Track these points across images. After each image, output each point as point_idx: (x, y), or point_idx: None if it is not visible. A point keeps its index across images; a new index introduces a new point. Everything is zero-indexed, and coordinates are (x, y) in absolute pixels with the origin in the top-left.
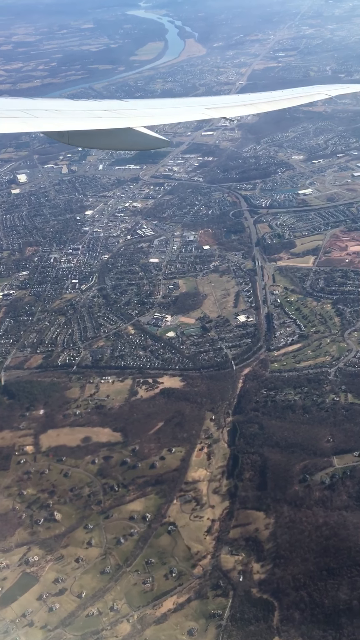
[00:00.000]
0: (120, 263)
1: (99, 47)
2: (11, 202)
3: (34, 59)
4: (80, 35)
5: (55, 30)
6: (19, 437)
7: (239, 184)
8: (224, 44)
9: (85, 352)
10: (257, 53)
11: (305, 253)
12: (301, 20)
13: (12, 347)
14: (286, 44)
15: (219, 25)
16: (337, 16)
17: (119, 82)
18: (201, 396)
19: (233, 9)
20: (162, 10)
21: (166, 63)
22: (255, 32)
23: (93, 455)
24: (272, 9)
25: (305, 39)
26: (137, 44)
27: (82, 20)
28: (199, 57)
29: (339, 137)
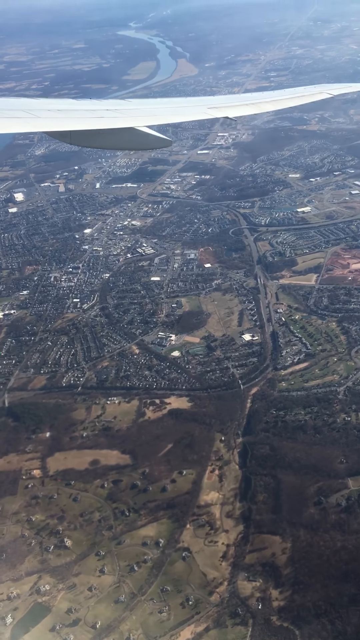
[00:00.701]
0: (122, 282)
1: (91, 67)
2: (9, 220)
3: (27, 79)
4: (72, 54)
5: (46, 50)
6: (25, 460)
7: (237, 202)
8: (216, 64)
9: (89, 372)
10: (249, 73)
11: (307, 271)
12: (291, 40)
13: (14, 367)
14: (277, 64)
15: (210, 46)
16: (326, 37)
17: None
18: (210, 417)
19: (223, 30)
20: (152, 31)
21: (159, 82)
22: (246, 53)
23: (102, 479)
24: (262, 30)
25: (296, 59)
26: (129, 64)
27: (74, 40)
28: (191, 77)
29: (334, 156)
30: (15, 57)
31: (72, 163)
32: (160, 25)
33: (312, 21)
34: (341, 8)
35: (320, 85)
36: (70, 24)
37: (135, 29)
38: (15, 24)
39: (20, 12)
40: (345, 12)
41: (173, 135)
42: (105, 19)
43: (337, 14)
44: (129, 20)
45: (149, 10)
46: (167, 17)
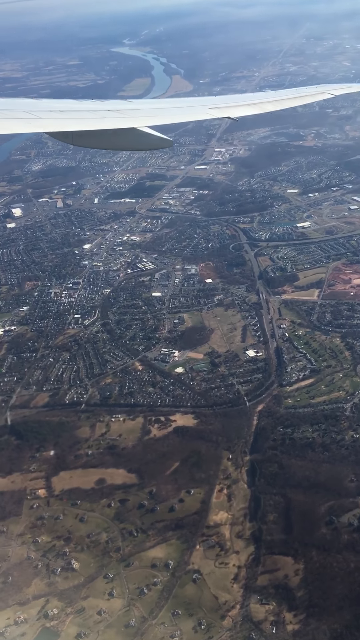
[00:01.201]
0: (123, 297)
1: (87, 83)
2: (7, 236)
3: (22, 95)
4: (66, 71)
5: (41, 66)
6: (30, 480)
7: (236, 217)
8: (210, 81)
9: (92, 389)
10: (244, 89)
11: (309, 286)
12: (284, 57)
13: (16, 385)
14: (271, 80)
15: (204, 62)
16: (319, 54)
17: None
18: (216, 434)
19: (216, 47)
20: (146, 48)
21: (154, 98)
22: (240, 69)
23: (109, 499)
24: (255, 47)
25: (290, 76)
26: (124, 80)
27: (68, 57)
28: (186, 93)
29: (332, 171)
30: (10, 73)
31: (69, 178)
32: (153, 42)
33: (304, 38)
34: (333, 26)
35: (322, 85)
36: (64, 41)
37: (129, 46)
38: (9, 41)
39: (14, 29)
40: (338, 30)
41: (170, 151)
42: (99, 36)
43: (329, 31)
44: (122, 37)
45: (142, 27)
46: (161, 34)
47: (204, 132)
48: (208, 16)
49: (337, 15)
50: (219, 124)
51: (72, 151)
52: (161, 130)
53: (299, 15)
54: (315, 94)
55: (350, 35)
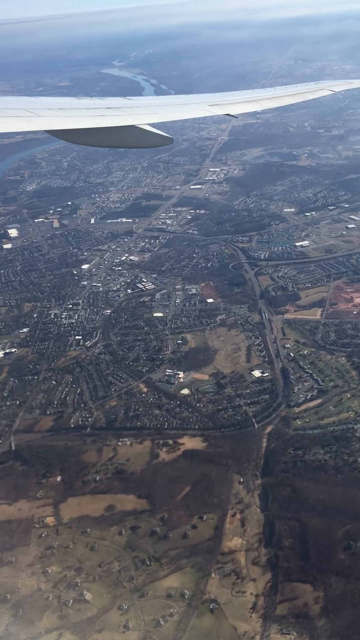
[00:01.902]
0: (124, 318)
1: None
2: (4, 257)
3: None
4: (57, 92)
5: (32, 87)
6: (37, 507)
7: (234, 237)
8: None
9: (97, 412)
10: None
11: (311, 305)
12: (273, 79)
13: (19, 408)
14: None
15: (194, 84)
16: (308, 75)
17: None
18: (226, 457)
19: (206, 69)
20: (136, 69)
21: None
22: (230, 90)
23: (119, 526)
24: (244, 69)
25: None
26: None
27: (58, 78)
28: None
29: (327, 190)
30: (0, 94)
31: (64, 198)
32: (143, 64)
33: (292, 60)
34: (320, 48)
35: (322, 82)
36: (53, 62)
37: (119, 67)
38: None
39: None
40: (325, 52)
41: (165, 171)
42: (88, 57)
43: (316, 53)
44: (111, 59)
45: (131, 49)
46: (150, 56)
47: (197, 152)
48: (196, 38)
49: (324, 37)
50: (212, 144)
51: (66, 171)
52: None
53: (287, 37)
54: (315, 90)
55: (337, 57)
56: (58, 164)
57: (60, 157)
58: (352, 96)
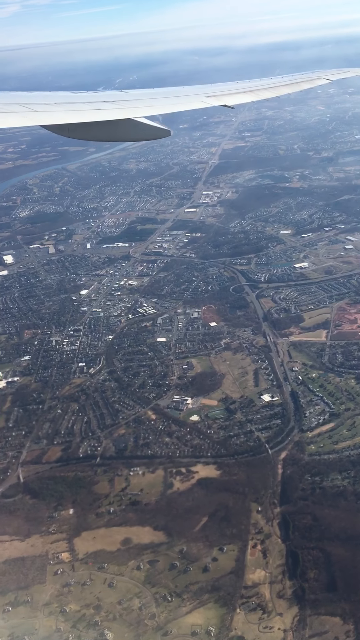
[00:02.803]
0: (127, 343)
1: None
2: (0, 284)
3: (2, 142)
4: None
5: None
6: (51, 542)
7: (232, 259)
8: (189, 126)
9: (106, 441)
10: (224, 133)
11: (315, 327)
12: (259, 103)
13: (25, 439)
14: (250, 124)
15: None
16: (293, 99)
17: (92, 163)
18: (242, 485)
19: None
20: None
21: (136, 144)
22: (217, 114)
23: (137, 560)
24: None
25: (268, 120)
26: None
27: None
28: (167, 138)
29: (322, 212)
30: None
31: (59, 224)
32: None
33: None
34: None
35: (318, 72)
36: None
37: None
38: None
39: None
40: None
41: (158, 195)
42: (74, 84)
43: None
44: (97, 86)
45: (115, 75)
46: (135, 82)
47: (189, 175)
48: (179, 64)
49: (305, 61)
50: (203, 168)
51: (58, 197)
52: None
53: (268, 62)
54: (312, 80)
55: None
56: (50, 189)
57: (51, 183)
58: (338, 119)
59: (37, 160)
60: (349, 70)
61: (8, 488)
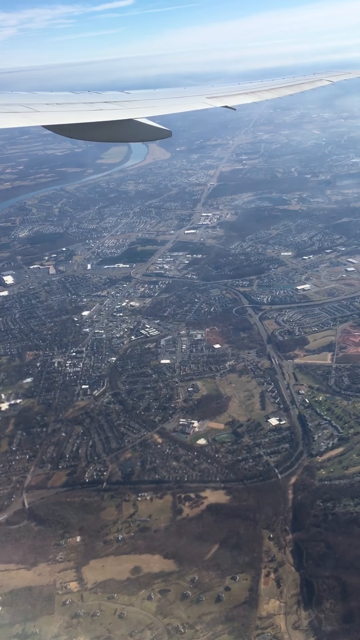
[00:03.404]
0: (130, 365)
1: (64, 152)
2: (0, 304)
3: (0, 163)
4: (42, 140)
5: (16, 135)
6: (58, 571)
7: (234, 281)
8: (187, 148)
9: (112, 465)
10: (221, 156)
11: (320, 349)
12: (255, 126)
13: (29, 463)
14: (246, 148)
15: (178, 131)
16: (289, 123)
17: (91, 184)
18: (252, 511)
19: (188, 117)
20: None
21: (134, 166)
22: (214, 138)
23: (147, 590)
24: (225, 117)
25: (264, 144)
26: (101, 149)
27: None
28: (165, 160)
29: (322, 234)
30: None
31: (58, 245)
32: None
33: (271, 109)
34: (297, 97)
35: (320, 73)
36: None
37: None
38: None
39: None
40: (302, 101)
41: (157, 216)
42: None
43: (294, 102)
44: None
45: None
46: None
47: (187, 197)
48: None
49: None
50: (202, 190)
51: (57, 217)
52: None
53: None
54: (313, 81)
55: (315, 106)
56: (49, 210)
57: (50, 204)
58: (334, 143)
59: (35, 181)
60: (350, 71)
61: (13, 514)
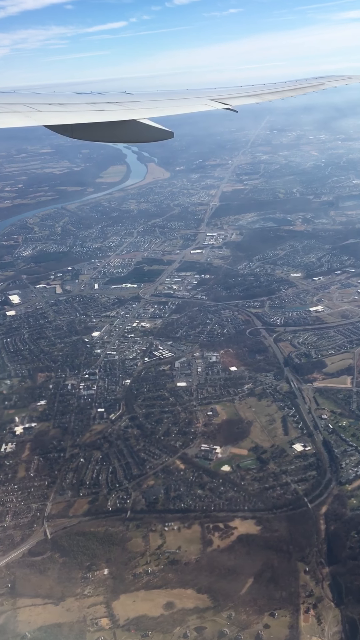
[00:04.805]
0: (146, 388)
1: (63, 170)
2: (8, 324)
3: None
4: (40, 159)
5: (13, 154)
6: (88, 607)
7: (245, 302)
8: (186, 168)
9: (135, 493)
10: (221, 176)
11: (339, 373)
12: (253, 147)
13: (48, 490)
14: (246, 168)
15: (176, 151)
16: (286, 144)
17: (92, 203)
18: (285, 543)
19: (185, 137)
20: None
21: (134, 185)
22: (213, 158)
23: (182, 627)
24: (223, 137)
25: (264, 164)
26: (99, 168)
27: (39, 145)
28: (165, 180)
29: (330, 255)
30: None
31: (63, 264)
32: None
33: (268, 130)
34: (293, 118)
35: (322, 77)
36: (32, 130)
37: None
38: None
39: None
40: (298, 122)
41: (162, 235)
42: None
43: (290, 123)
44: None
45: None
46: None
47: (191, 217)
48: None
49: (295, 109)
50: (205, 209)
51: (60, 236)
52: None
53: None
54: (315, 85)
55: (311, 127)
56: (51, 228)
57: (52, 222)
58: (333, 164)
59: (35, 199)
60: (352, 76)
61: (35, 545)
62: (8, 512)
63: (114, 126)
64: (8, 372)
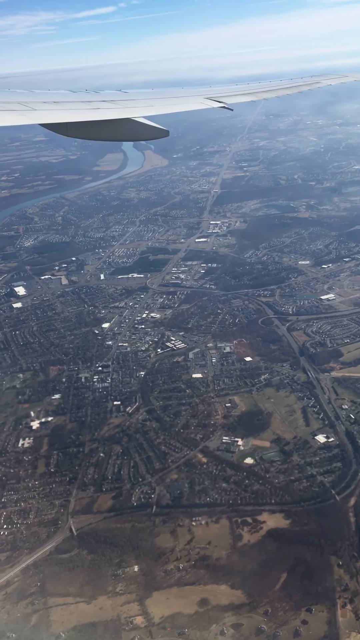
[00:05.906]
0: (161, 380)
1: (58, 159)
2: (15, 317)
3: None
4: (34, 147)
5: (7, 142)
6: (120, 605)
7: (255, 291)
8: (184, 155)
9: (159, 487)
10: (220, 163)
11: (356, 362)
12: (250, 133)
13: (70, 485)
14: (245, 154)
15: (172, 138)
16: (283, 129)
17: (91, 191)
18: (316, 536)
19: (181, 124)
20: None
21: (132, 173)
22: (210, 144)
23: (219, 624)
24: (219, 124)
25: (262, 150)
26: (96, 156)
27: (32, 133)
28: (163, 168)
29: (337, 242)
30: None
31: (66, 254)
32: None
33: (264, 115)
34: (289, 103)
35: (317, 76)
36: None
37: None
38: None
39: None
40: (294, 107)
41: (164, 224)
42: None
43: (286, 108)
44: None
45: None
46: None
47: (193, 205)
48: None
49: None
50: (206, 197)
51: (61, 226)
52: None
53: None
54: (311, 84)
55: (307, 112)
56: (52, 218)
57: (52, 212)
58: (333, 150)
59: (33, 188)
60: (347, 75)
61: (62, 542)
62: (31, 509)
63: (109, 124)
64: (20, 366)
